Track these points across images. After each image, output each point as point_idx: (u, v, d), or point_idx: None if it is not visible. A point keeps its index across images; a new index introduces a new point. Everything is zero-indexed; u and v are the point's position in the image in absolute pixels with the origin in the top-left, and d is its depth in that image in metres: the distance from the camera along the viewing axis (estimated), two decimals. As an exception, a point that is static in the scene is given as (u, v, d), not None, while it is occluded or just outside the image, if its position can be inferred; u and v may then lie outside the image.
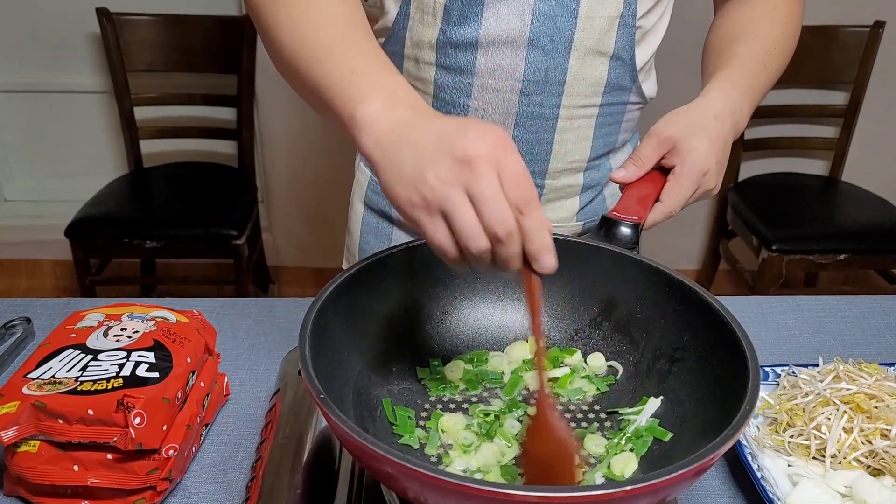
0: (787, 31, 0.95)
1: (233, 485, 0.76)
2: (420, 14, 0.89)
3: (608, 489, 0.50)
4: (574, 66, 0.88)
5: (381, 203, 1.04)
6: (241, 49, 2.32)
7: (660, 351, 0.75)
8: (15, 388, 0.70)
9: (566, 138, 0.93)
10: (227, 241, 2.21)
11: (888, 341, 1.00)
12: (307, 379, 0.59)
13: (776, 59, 0.93)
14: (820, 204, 2.45)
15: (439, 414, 0.73)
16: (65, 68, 2.58)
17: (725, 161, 0.84)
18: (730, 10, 0.97)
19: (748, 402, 0.58)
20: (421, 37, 0.90)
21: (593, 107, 0.92)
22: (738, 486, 0.77)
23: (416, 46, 0.91)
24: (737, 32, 0.94)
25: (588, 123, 0.93)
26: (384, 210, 1.04)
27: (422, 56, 0.91)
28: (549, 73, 0.88)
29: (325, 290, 0.68)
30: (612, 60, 0.89)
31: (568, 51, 0.87)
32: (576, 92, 0.90)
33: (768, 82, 0.92)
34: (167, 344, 0.77)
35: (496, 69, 0.88)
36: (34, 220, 2.75)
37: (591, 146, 0.95)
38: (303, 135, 2.62)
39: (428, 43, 0.90)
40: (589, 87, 0.90)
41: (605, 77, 0.90)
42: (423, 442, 0.70)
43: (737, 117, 0.85)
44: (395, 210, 1.01)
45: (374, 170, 0.61)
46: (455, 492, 0.50)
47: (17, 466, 0.70)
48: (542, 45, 0.87)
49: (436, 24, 0.88)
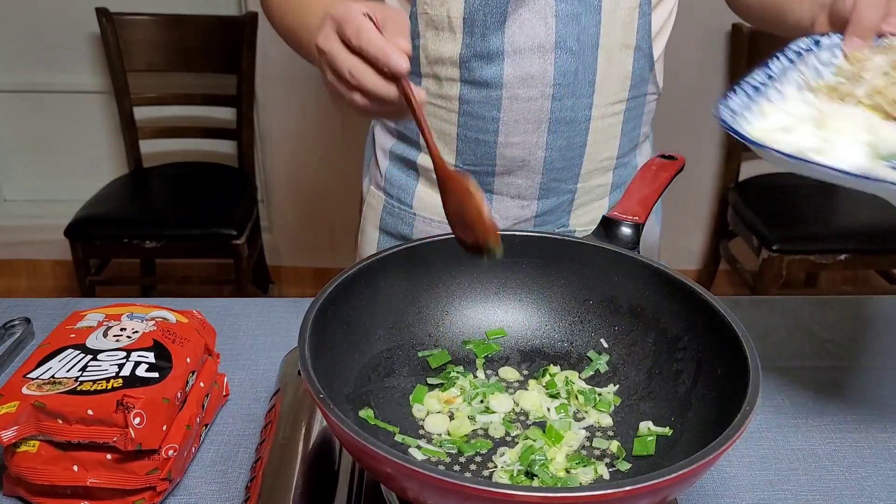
0: None
1: (232, 485, 0.76)
2: (433, 31, 0.88)
3: (608, 489, 0.50)
4: (603, 64, 0.88)
5: (399, 226, 1.02)
6: (241, 49, 2.32)
7: (660, 351, 0.74)
8: (14, 388, 0.70)
9: (597, 139, 0.93)
10: (227, 241, 2.21)
11: (889, 342, 1.00)
12: (307, 379, 0.59)
13: None
14: (820, 204, 2.45)
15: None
16: (65, 68, 2.58)
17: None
18: None
19: (748, 402, 0.58)
20: (440, 53, 0.89)
21: (621, 102, 0.92)
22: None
23: (434, 64, 0.90)
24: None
25: (617, 120, 0.93)
26: (402, 233, 1.02)
27: (443, 73, 0.90)
28: (579, 74, 0.87)
29: (325, 290, 0.68)
30: (636, 52, 0.89)
31: (595, 49, 0.87)
32: (606, 90, 0.90)
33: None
34: (167, 344, 0.77)
35: (525, 77, 0.87)
36: (34, 220, 2.75)
37: (620, 143, 0.95)
38: (303, 135, 2.62)
39: (449, 59, 0.89)
40: (618, 82, 0.90)
41: (631, 70, 0.90)
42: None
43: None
44: (415, 230, 1.00)
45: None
46: (455, 492, 0.50)
47: (17, 466, 0.70)
48: (569, 46, 0.86)
49: (456, 38, 0.87)
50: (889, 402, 0.89)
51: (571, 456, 0.69)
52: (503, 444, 0.71)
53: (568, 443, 0.71)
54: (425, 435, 0.72)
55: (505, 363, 0.80)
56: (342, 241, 1.16)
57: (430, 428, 0.73)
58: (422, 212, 1.01)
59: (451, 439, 0.71)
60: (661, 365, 0.74)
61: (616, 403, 0.75)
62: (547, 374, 0.78)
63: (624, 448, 0.70)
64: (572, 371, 0.78)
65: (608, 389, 0.76)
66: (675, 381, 0.72)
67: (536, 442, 0.70)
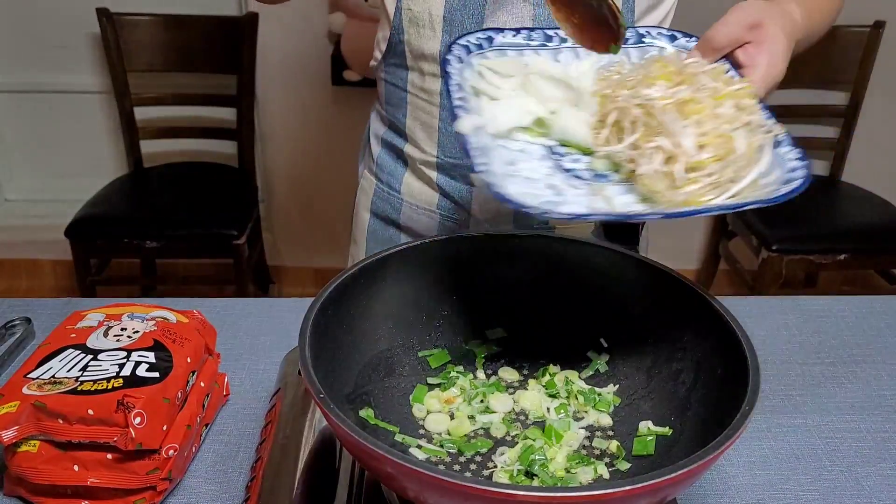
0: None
1: (233, 485, 0.76)
2: (415, 28, 0.89)
3: (608, 489, 0.50)
4: None
5: (388, 210, 1.04)
6: (241, 49, 2.32)
7: (660, 351, 0.75)
8: (15, 387, 0.70)
9: None
10: (228, 241, 2.21)
11: (888, 341, 1.00)
12: (307, 379, 0.59)
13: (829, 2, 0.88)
14: (820, 204, 2.45)
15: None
16: (65, 68, 2.58)
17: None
18: None
19: (748, 402, 0.58)
20: (422, 49, 0.90)
21: None
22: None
23: (418, 59, 0.92)
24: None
25: None
26: (391, 217, 1.04)
27: (426, 68, 0.92)
28: None
29: (325, 290, 0.69)
30: None
31: None
32: None
33: (820, 24, 0.86)
34: (167, 344, 0.77)
35: None
36: (34, 220, 2.75)
37: None
38: (303, 134, 2.62)
39: (430, 55, 0.90)
40: None
41: None
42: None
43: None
44: (402, 216, 1.01)
45: None
46: (455, 492, 0.50)
47: (17, 466, 0.70)
48: None
49: (436, 36, 0.88)
50: (889, 402, 0.89)
51: (571, 456, 0.69)
52: (503, 444, 0.71)
53: (568, 442, 0.71)
54: (425, 435, 0.72)
55: (505, 363, 0.80)
56: (342, 241, 1.16)
57: (430, 427, 0.73)
58: (409, 198, 1.02)
59: (451, 439, 0.71)
60: (661, 365, 0.74)
61: (616, 403, 0.75)
62: (546, 373, 0.78)
63: (623, 448, 0.70)
64: (572, 371, 0.78)
65: (608, 389, 0.76)
66: (674, 381, 0.72)
67: (536, 442, 0.70)
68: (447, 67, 0.73)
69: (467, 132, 0.67)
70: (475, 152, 0.65)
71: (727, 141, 0.65)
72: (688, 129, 0.65)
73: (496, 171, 0.65)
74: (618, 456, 0.70)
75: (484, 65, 0.75)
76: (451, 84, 0.72)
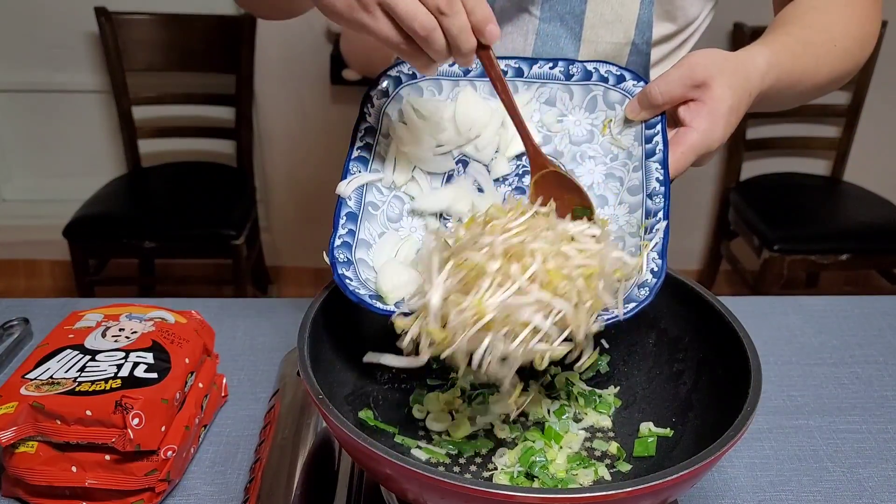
0: (856, 32, 0.82)
1: (231, 486, 0.76)
2: None
3: (609, 490, 0.50)
4: None
5: None
6: (239, 48, 2.32)
7: (660, 352, 0.74)
8: (13, 388, 0.70)
9: None
10: (226, 241, 2.21)
11: (890, 342, 1.00)
12: (306, 380, 0.58)
13: (834, 56, 0.80)
14: (822, 204, 2.45)
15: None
16: (63, 68, 2.57)
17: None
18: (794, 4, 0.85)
19: (749, 403, 0.58)
20: None
21: None
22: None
23: None
24: (793, 16, 0.82)
25: None
26: None
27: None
28: None
29: (325, 289, 0.68)
30: None
31: None
32: None
33: (813, 76, 0.79)
34: (165, 345, 0.77)
35: None
36: (32, 220, 2.75)
37: None
38: (302, 134, 2.61)
39: None
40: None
41: None
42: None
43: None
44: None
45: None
46: (455, 493, 0.50)
47: (15, 467, 0.70)
48: None
49: None
50: (890, 402, 0.89)
51: (572, 457, 0.69)
52: (503, 445, 0.71)
53: (568, 444, 0.70)
54: (425, 436, 0.72)
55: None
56: (342, 241, 1.16)
57: (429, 428, 0.72)
58: None
59: (451, 440, 0.71)
60: (662, 366, 0.74)
61: (616, 405, 0.75)
62: (547, 374, 0.78)
63: (624, 449, 0.70)
64: (572, 372, 0.78)
65: (609, 391, 0.76)
66: (675, 382, 0.72)
67: (536, 443, 0.70)
68: (364, 107, 0.73)
69: (345, 196, 0.69)
70: (342, 224, 0.68)
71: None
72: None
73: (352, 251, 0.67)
74: (618, 457, 0.69)
75: (410, 103, 0.74)
76: (360, 128, 0.72)
